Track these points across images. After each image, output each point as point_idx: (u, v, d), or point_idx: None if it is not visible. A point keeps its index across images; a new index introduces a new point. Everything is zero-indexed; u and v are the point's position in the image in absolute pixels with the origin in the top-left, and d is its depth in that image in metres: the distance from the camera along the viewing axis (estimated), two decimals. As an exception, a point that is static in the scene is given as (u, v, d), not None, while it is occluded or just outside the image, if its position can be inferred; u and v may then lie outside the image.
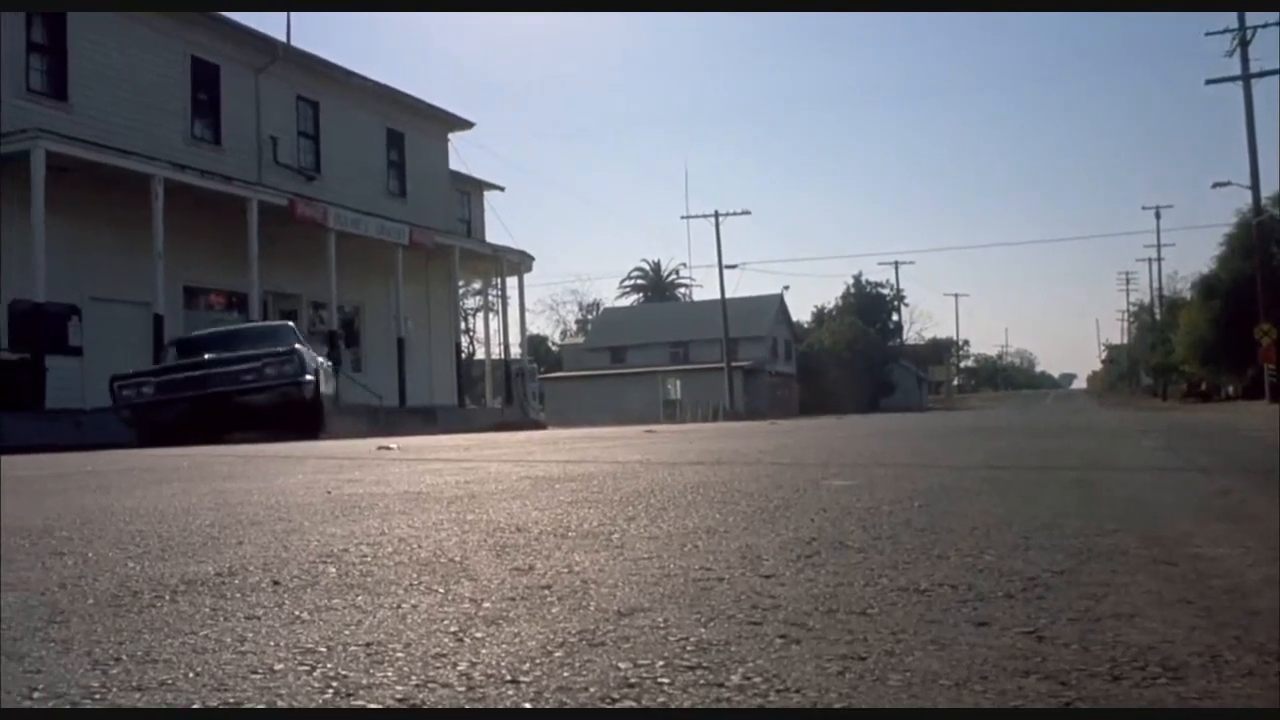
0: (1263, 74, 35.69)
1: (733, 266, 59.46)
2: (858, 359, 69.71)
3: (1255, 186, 36.78)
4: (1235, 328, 38.90)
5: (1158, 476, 5.31)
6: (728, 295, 56.92)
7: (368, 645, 1.84)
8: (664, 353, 63.53)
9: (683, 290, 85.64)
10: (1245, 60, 35.64)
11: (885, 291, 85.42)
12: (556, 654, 1.76)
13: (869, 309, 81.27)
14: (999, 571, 2.47)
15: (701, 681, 1.59)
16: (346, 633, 1.95)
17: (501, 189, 40.52)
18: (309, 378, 17.16)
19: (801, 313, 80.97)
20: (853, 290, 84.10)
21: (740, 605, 2.13)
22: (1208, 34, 36.59)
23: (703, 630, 1.92)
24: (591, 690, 1.55)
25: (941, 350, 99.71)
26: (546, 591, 2.31)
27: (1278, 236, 41.13)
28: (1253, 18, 35.33)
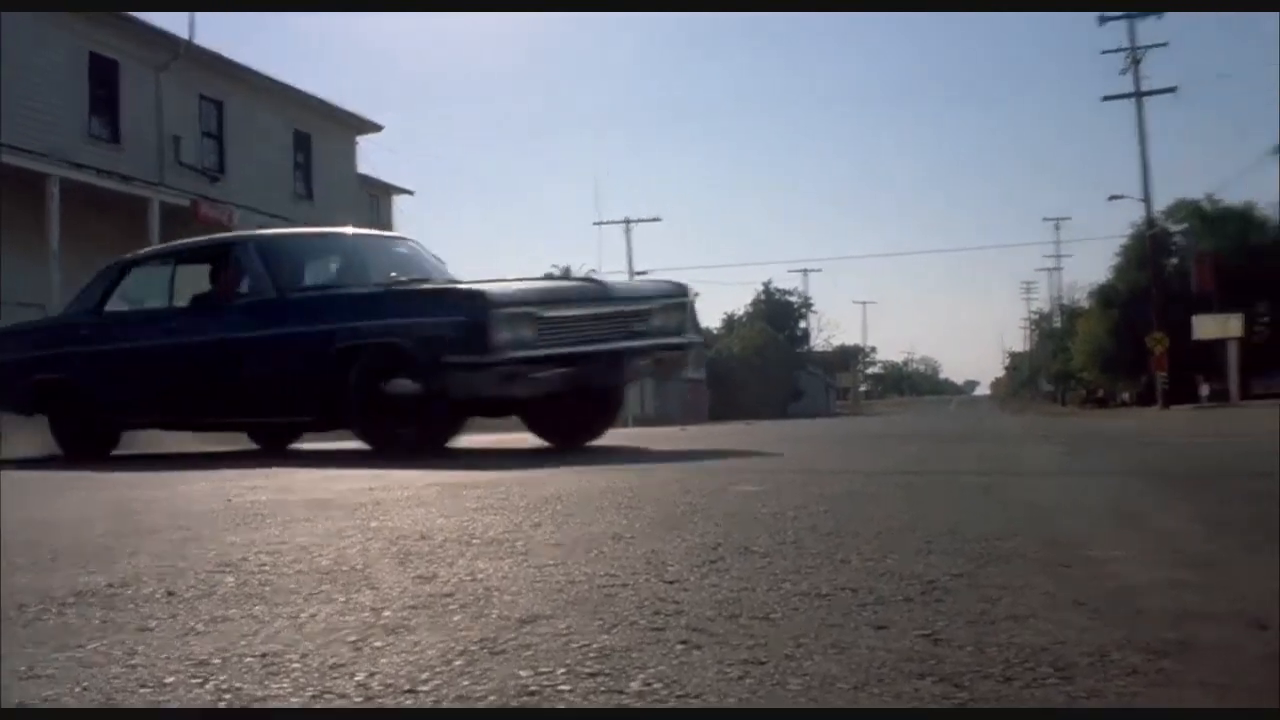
0: (1154, 92, 36.96)
1: (643, 273, 59.38)
2: (767, 365, 70.33)
3: (1148, 200, 37.98)
4: (1130, 336, 40.07)
5: (1057, 481, 5.43)
6: (639, 301, 57.04)
7: (263, 656, 1.81)
8: (576, 358, 63.33)
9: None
10: (1137, 78, 36.89)
11: (794, 299, 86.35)
12: (456, 663, 1.74)
13: (778, 316, 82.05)
14: (900, 575, 2.50)
15: (602, 688, 1.58)
16: (242, 643, 1.91)
17: (411, 193, 40.16)
18: (697, 338, 10.17)
19: (712, 319, 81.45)
20: (762, 297, 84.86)
21: (643, 611, 2.13)
22: (1103, 52, 37.74)
23: (605, 637, 1.91)
24: (491, 699, 1.54)
25: (849, 357, 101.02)
26: (448, 599, 2.29)
27: (1170, 248, 42.52)
28: (1144, 35, 36.47)
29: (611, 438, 8.50)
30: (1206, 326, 35.83)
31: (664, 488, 5.21)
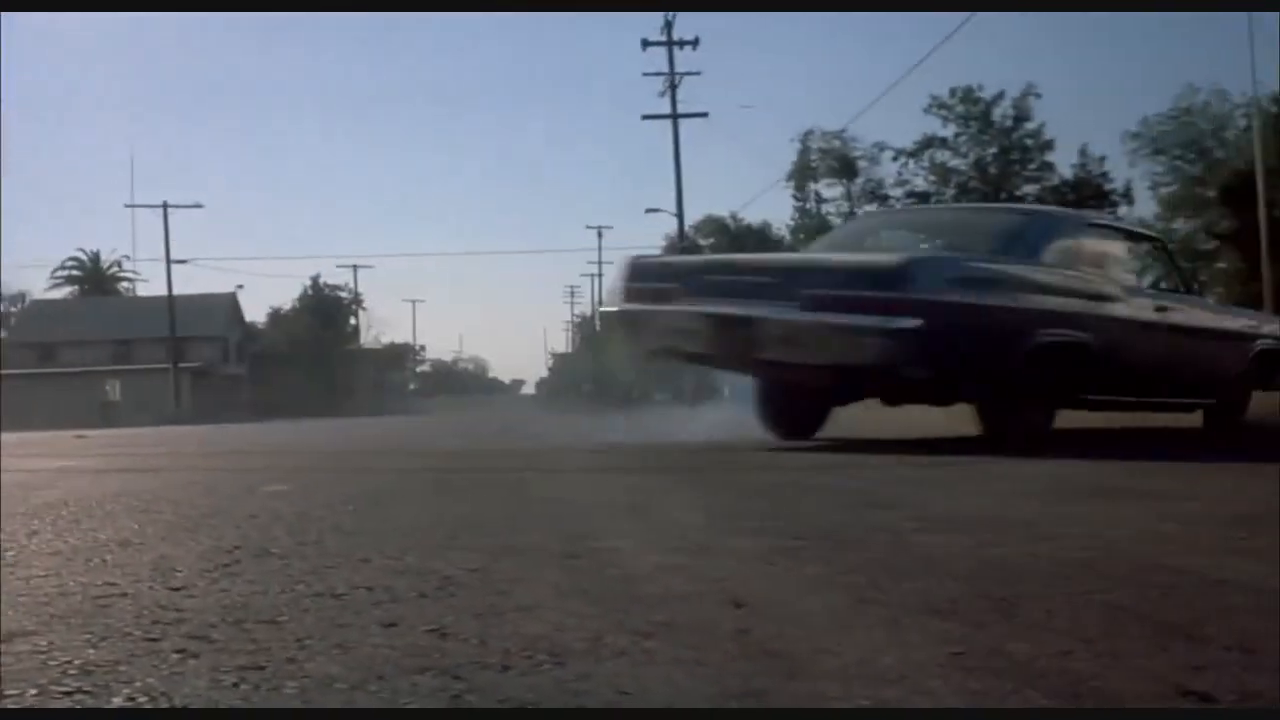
0: (688, 115, 39.80)
1: (182, 262, 55.86)
2: (315, 362, 68.55)
3: (680, 214, 40.90)
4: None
5: (583, 476, 5.70)
6: (177, 292, 53.77)
7: None
8: (103, 351, 58.62)
9: (126, 285, 79.54)
10: (674, 101, 39.53)
11: (344, 294, 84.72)
12: (-97, 692, 1.56)
13: (327, 312, 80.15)
14: (418, 572, 2.53)
15: (79, 706, 1.48)
16: None
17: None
18: None
19: (257, 313, 78.09)
20: (311, 292, 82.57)
21: (140, 622, 2.01)
22: (645, 74, 40.08)
23: (92, 651, 1.79)
24: (-57, 727, 1.39)
25: (399, 354, 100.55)
26: (-92, 620, 2.04)
27: (699, 260, 46.12)
28: (682, 63, 39.17)
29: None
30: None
31: (187, 489, 4.95)
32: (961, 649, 1.73)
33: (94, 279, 79.46)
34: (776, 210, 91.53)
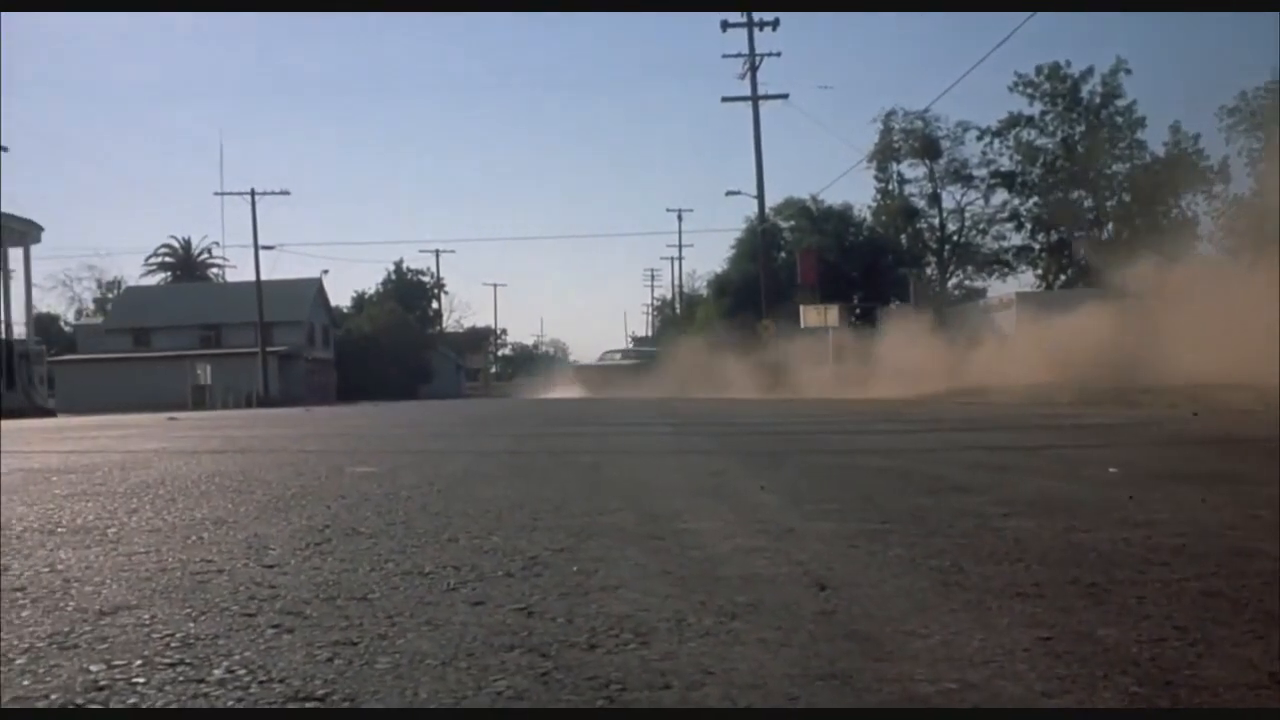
0: (768, 96, 39.40)
1: (269, 248, 56.81)
2: (397, 346, 69.46)
3: (760, 196, 40.57)
4: (743, 322, 42.75)
5: (663, 459, 5.71)
6: (264, 278, 54.83)
7: None
8: (194, 336, 60.04)
9: (215, 271, 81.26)
10: (754, 83, 39.15)
11: (426, 279, 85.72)
12: (18, 661, 1.62)
13: (409, 296, 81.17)
14: (504, 552, 2.57)
15: (181, 678, 1.53)
16: None
17: (4, 149, 36.40)
18: None
19: (341, 298, 79.30)
20: (393, 276, 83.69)
21: (237, 597, 2.07)
22: (725, 56, 39.83)
23: (192, 625, 1.84)
24: (54, 697, 1.45)
25: (480, 338, 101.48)
26: (19, 594, 2.12)
27: (779, 242, 45.82)
28: (763, 45, 38.85)
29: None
30: (810, 316, 38.89)
31: (277, 470, 5.06)
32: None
33: (185, 265, 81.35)
34: (858, 192, 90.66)
